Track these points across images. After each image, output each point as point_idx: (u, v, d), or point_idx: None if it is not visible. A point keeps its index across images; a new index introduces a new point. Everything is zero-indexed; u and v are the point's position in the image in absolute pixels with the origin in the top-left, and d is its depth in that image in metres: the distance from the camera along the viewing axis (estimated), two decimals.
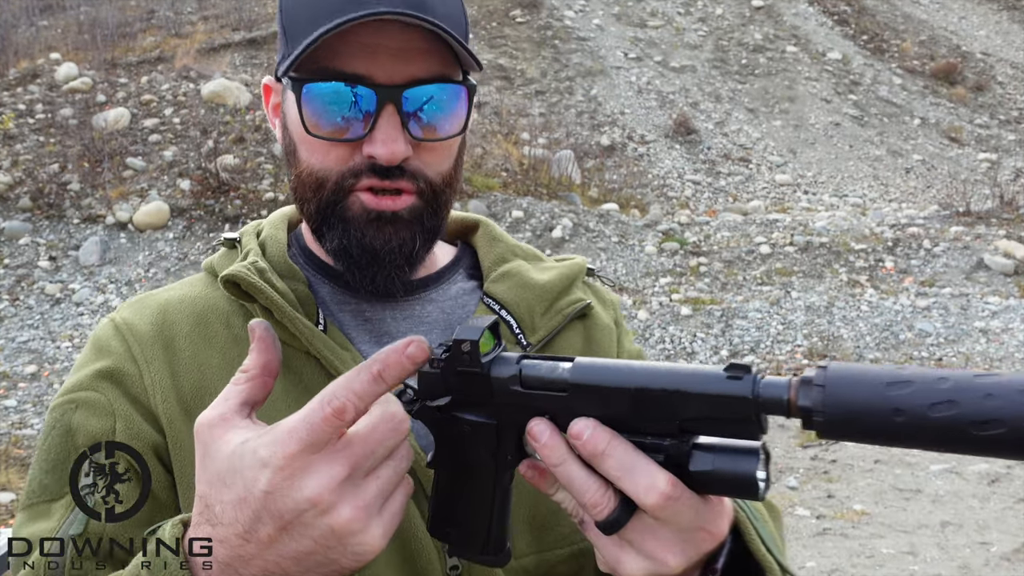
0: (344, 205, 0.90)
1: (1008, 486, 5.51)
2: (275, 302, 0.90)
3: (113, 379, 0.92)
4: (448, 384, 0.70)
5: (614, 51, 17.59)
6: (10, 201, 11.18)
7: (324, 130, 0.88)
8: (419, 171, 0.90)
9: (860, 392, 0.54)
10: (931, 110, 17.45)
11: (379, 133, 0.87)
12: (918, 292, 10.19)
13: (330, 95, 0.86)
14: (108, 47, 15.30)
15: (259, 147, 12.20)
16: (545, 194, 12.21)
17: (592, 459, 0.64)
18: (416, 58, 0.87)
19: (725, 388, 0.60)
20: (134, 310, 0.98)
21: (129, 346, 0.94)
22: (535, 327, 1.00)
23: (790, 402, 0.57)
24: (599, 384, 0.64)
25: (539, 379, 0.67)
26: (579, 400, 0.65)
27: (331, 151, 0.89)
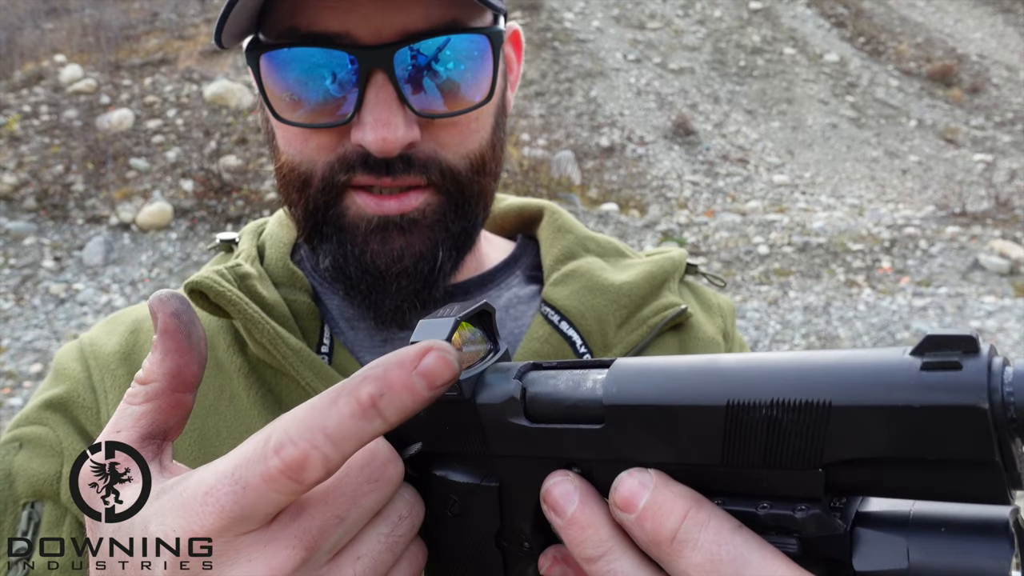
0: (338, 210, 0.68)
1: None
2: (250, 317, 0.68)
3: (64, 410, 0.75)
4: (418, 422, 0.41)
5: (613, 53, 17.67)
6: (15, 202, 11.26)
7: (296, 113, 0.65)
8: (432, 158, 0.67)
9: None
10: (927, 112, 17.54)
11: (367, 113, 0.64)
12: (915, 292, 10.28)
13: (297, 65, 0.63)
14: (112, 49, 15.37)
15: (261, 148, 12.28)
16: (545, 195, 12.29)
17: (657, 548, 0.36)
18: (409, 4, 0.63)
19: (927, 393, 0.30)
20: (104, 329, 0.82)
21: (89, 370, 0.77)
22: (608, 344, 0.74)
23: None
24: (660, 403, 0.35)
25: (555, 403, 0.39)
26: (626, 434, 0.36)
27: (311, 138, 0.67)
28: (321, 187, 0.67)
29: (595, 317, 0.75)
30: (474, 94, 0.66)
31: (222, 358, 0.73)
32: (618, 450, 0.36)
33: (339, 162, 0.66)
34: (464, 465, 0.42)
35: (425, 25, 0.63)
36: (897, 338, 9.23)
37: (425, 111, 0.64)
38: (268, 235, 0.81)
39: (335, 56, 0.62)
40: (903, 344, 0.33)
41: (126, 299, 10.04)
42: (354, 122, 0.64)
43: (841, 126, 16.56)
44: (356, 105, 0.63)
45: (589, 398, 0.37)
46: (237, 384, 0.71)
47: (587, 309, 0.75)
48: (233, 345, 0.73)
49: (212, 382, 0.72)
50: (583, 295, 0.76)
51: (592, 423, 0.37)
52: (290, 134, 0.68)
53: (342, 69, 0.62)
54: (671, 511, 0.34)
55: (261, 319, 0.68)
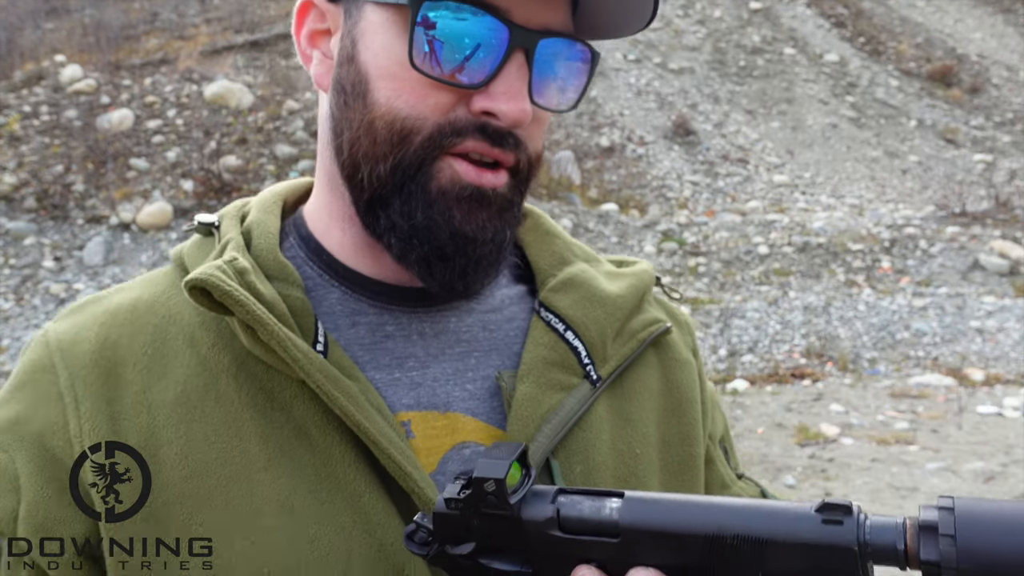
0: (431, 171, 0.67)
1: (1003, 484, 5.59)
2: (259, 319, 0.64)
3: (26, 434, 0.67)
4: (471, 527, 0.57)
5: (613, 53, 17.66)
6: (15, 202, 11.26)
7: (437, 66, 0.65)
8: (524, 144, 0.70)
9: (1004, 541, 0.43)
10: (927, 112, 17.54)
11: (503, 84, 0.65)
12: (914, 292, 10.27)
13: (458, 23, 0.64)
14: (112, 49, 15.36)
15: (261, 148, 12.28)
16: (545, 194, 12.29)
17: None
18: (557, 5, 0.67)
19: (823, 536, 0.49)
20: (74, 322, 0.72)
21: (57, 377, 0.68)
22: (606, 356, 0.76)
23: (907, 552, 0.47)
24: (659, 528, 0.53)
25: (582, 521, 0.55)
26: (634, 547, 0.53)
27: (431, 94, 0.66)
28: (424, 144, 0.66)
29: (597, 329, 0.76)
30: (567, 99, 0.71)
31: (206, 356, 0.68)
32: (629, 555, 0.54)
33: (450, 125, 0.66)
34: (507, 559, 0.57)
35: (563, 28, 0.67)
36: (897, 338, 9.23)
37: (538, 100, 0.68)
38: (254, 222, 0.75)
39: (494, 25, 0.64)
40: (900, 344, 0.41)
41: None
42: (484, 90, 0.65)
43: (841, 126, 16.56)
44: (491, 75, 0.65)
45: (608, 519, 0.55)
46: (225, 384, 0.68)
47: (590, 321, 0.76)
48: (218, 343, 0.69)
49: (195, 382, 0.67)
50: (585, 306, 0.77)
51: (611, 537, 0.54)
52: (405, 87, 0.66)
53: (494, 38, 0.64)
54: None
55: (270, 321, 0.65)
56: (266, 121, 12.84)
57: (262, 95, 13.62)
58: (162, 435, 0.66)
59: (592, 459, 0.72)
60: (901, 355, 8.92)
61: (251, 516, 0.64)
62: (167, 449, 0.65)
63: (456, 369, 0.73)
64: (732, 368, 8.82)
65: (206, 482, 0.65)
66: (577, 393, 0.73)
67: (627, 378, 0.78)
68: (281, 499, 0.65)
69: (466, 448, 0.71)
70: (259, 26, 17.07)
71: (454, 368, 0.73)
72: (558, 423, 0.71)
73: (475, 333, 0.75)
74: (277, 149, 12.20)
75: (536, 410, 0.71)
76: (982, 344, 8.99)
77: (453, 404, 0.72)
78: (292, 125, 12.72)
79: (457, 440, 0.71)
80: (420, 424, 0.70)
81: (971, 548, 0.44)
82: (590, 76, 0.71)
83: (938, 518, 0.46)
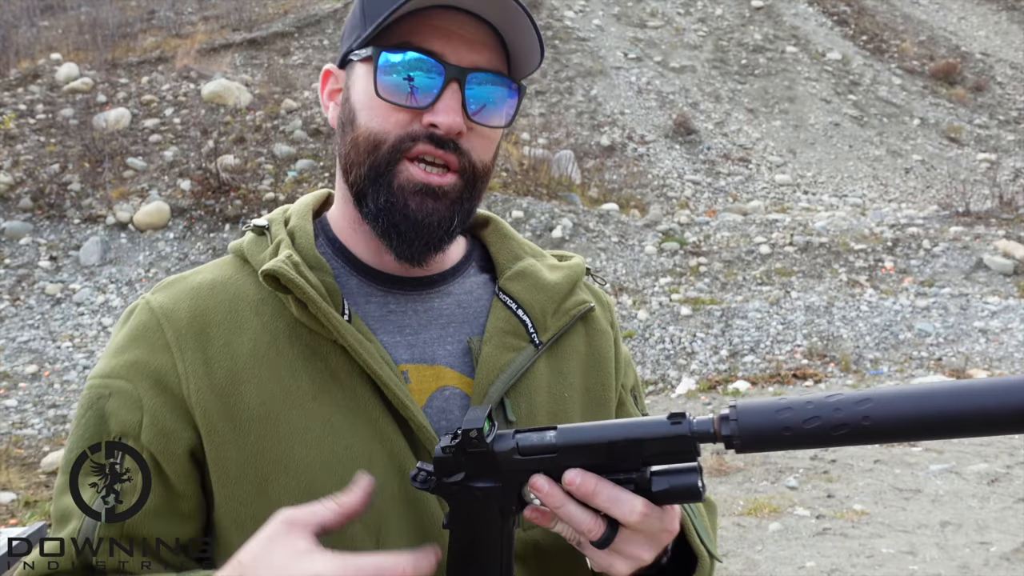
0: (394, 171, 0.96)
1: (1008, 486, 5.52)
2: (310, 297, 0.94)
3: (146, 372, 0.95)
4: (459, 463, 0.85)
5: (614, 51, 17.60)
6: (11, 201, 11.20)
7: (393, 95, 0.95)
8: (467, 153, 0.97)
9: (760, 420, 0.77)
10: (930, 110, 17.46)
11: (442, 104, 0.94)
12: (917, 292, 10.20)
13: (404, 64, 0.94)
14: (109, 47, 15.31)
15: (259, 147, 12.21)
16: (545, 194, 12.22)
17: (585, 498, 0.81)
18: (483, 50, 0.96)
19: (671, 431, 0.80)
20: (170, 293, 1.01)
21: (164, 333, 0.97)
22: (546, 327, 1.06)
23: (716, 433, 0.79)
24: (580, 443, 0.83)
25: (533, 447, 0.84)
26: (566, 457, 0.83)
27: (392, 115, 0.96)
28: (389, 149, 0.95)
29: (539, 307, 1.07)
30: (500, 119, 0.99)
31: (267, 322, 0.98)
32: (562, 463, 0.83)
33: (407, 135, 0.95)
34: (484, 479, 0.85)
35: (487, 66, 0.97)
36: (900, 339, 9.15)
37: (473, 117, 0.96)
38: (295, 227, 1.03)
39: (433, 64, 0.94)
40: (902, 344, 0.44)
41: (123, 299, 9.98)
42: (430, 109, 0.94)
43: (843, 125, 16.48)
44: (434, 99, 0.94)
45: (549, 443, 0.84)
46: (281, 342, 0.97)
47: (535, 302, 1.07)
48: (275, 313, 0.98)
49: (261, 339, 0.97)
50: (531, 291, 1.08)
51: (551, 453, 0.83)
52: (378, 110, 0.96)
53: (434, 73, 0.94)
54: (589, 483, 0.81)
55: (317, 299, 0.94)
56: (264, 120, 12.78)
57: (260, 94, 13.56)
58: (241, 375, 0.95)
59: (533, 400, 1.03)
60: (904, 356, 8.85)
61: (305, 430, 0.94)
62: (246, 386, 0.94)
63: (440, 335, 1.04)
64: (734, 369, 8.75)
65: (274, 407, 0.94)
66: (524, 353, 1.04)
67: (560, 343, 1.08)
68: (324, 420, 0.94)
69: (447, 390, 1.01)
70: (257, 24, 17.01)
71: (438, 334, 1.04)
72: (511, 374, 1.01)
73: (453, 310, 1.06)
74: (275, 148, 12.13)
75: (496, 364, 1.01)
76: (986, 345, 8.92)
77: (438, 359, 1.02)
78: (290, 124, 12.65)
79: (440, 384, 1.01)
80: (415, 373, 1.01)
81: (745, 426, 0.77)
82: (518, 104, 1.01)
83: (730, 413, 0.78)
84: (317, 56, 15.81)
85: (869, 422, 0.73)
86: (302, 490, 0.92)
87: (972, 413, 0.71)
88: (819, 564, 4.54)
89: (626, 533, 0.83)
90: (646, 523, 0.82)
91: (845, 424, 0.74)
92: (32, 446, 7.06)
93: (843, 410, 0.74)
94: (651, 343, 9.16)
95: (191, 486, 0.94)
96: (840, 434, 0.74)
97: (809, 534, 4.93)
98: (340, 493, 0.83)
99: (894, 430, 0.74)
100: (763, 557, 4.65)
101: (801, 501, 5.42)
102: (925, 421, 0.72)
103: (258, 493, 0.93)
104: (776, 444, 0.77)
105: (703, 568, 0.97)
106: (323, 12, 17.45)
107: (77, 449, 0.94)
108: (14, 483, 6.19)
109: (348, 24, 1.04)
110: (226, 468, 0.93)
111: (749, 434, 0.77)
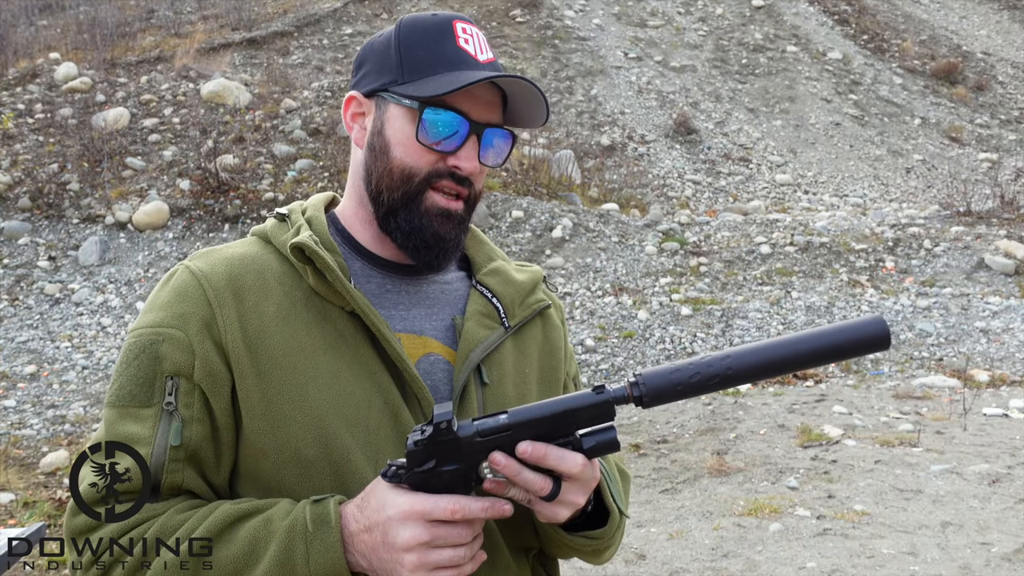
0: (423, 197, 1.20)
1: (1009, 486, 5.50)
2: (329, 266, 1.16)
3: (194, 322, 1.14)
4: (430, 453, 1.03)
5: (614, 51, 17.58)
6: (9, 201, 11.17)
7: (429, 140, 1.19)
8: (474, 185, 1.24)
9: (659, 381, 1.03)
10: (932, 110, 17.44)
11: (465, 152, 1.20)
12: (919, 292, 10.18)
13: (442, 120, 1.19)
14: (107, 47, 15.29)
15: (259, 147, 12.19)
16: (545, 194, 12.20)
17: (537, 461, 1.03)
18: (495, 109, 1.23)
19: (597, 399, 1.04)
20: (207, 261, 1.20)
21: (205, 291, 1.15)
22: (514, 315, 1.31)
23: (629, 396, 1.03)
24: (528, 420, 1.03)
25: (490, 428, 1.03)
26: (518, 433, 1.03)
27: (425, 155, 1.20)
28: (421, 181, 1.20)
29: (509, 298, 1.32)
30: (499, 161, 1.26)
31: (288, 291, 1.18)
32: (516, 438, 1.03)
33: (435, 172, 1.20)
34: (449, 463, 1.03)
35: (498, 122, 1.23)
36: (901, 339, 9.13)
37: (485, 161, 1.23)
38: (312, 217, 1.25)
39: (461, 121, 1.19)
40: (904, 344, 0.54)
41: (122, 299, 9.96)
42: (455, 155, 1.19)
43: (844, 124, 16.46)
44: (458, 146, 1.19)
45: (503, 424, 1.04)
46: (300, 306, 1.17)
47: (506, 293, 1.32)
48: (294, 284, 1.19)
49: (284, 303, 1.17)
50: (503, 284, 1.33)
51: (505, 432, 1.03)
52: (411, 151, 1.20)
53: (461, 127, 1.19)
54: (539, 450, 1.02)
55: (335, 269, 1.16)
56: (263, 120, 12.76)
57: (259, 93, 13.54)
58: (267, 330, 1.15)
59: (502, 370, 1.27)
60: (905, 356, 8.82)
61: (317, 377, 1.14)
62: (270, 339, 1.14)
63: (427, 313, 1.26)
64: None
65: (292, 358, 1.14)
66: (496, 332, 1.28)
67: (523, 331, 1.33)
68: (333, 371, 1.15)
69: (431, 356, 1.23)
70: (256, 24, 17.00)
71: (426, 312, 1.26)
72: (485, 347, 1.25)
73: (437, 295, 1.29)
74: (275, 148, 12.11)
75: (475, 337, 1.25)
76: (987, 345, 8.90)
77: (425, 332, 1.25)
78: (290, 124, 12.63)
79: (426, 351, 1.23)
80: (406, 341, 1.22)
81: (650, 387, 1.02)
82: (511, 147, 1.27)
83: (637, 379, 1.03)
84: (316, 56, 15.79)
85: (731, 371, 1.03)
86: (314, 424, 1.13)
87: (791, 357, 1.03)
88: (820, 565, 4.51)
89: (566, 485, 1.06)
90: (584, 473, 1.05)
91: (716, 375, 1.03)
92: (31, 446, 7.04)
93: (714, 366, 1.03)
94: (651, 343, 9.14)
95: (229, 421, 1.14)
96: (715, 382, 1.03)
97: (810, 534, 4.91)
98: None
99: (748, 374, 1.03)
100: (763, 558, 4.63)
101: (801, 501, 5.40)
102: (765, 365, 1.03)
103: (278, 427, 1.12)
104: (672, 397, 1.03)
105: (613, 520, 1.22)
106: (322, 12, 17.43)
107: (130, 385, 1.13)
108: (13, 483, 6.17)
109: (376, 57, 1.25)
110: (252, 405, 1.12)
111: (653, 392, 1.02)
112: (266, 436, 1.12)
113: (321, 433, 1.12)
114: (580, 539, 1.21)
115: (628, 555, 4.76)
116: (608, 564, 4.66)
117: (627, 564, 4.67)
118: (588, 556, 1.26)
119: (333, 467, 1.12)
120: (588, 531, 1.21)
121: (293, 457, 1.12)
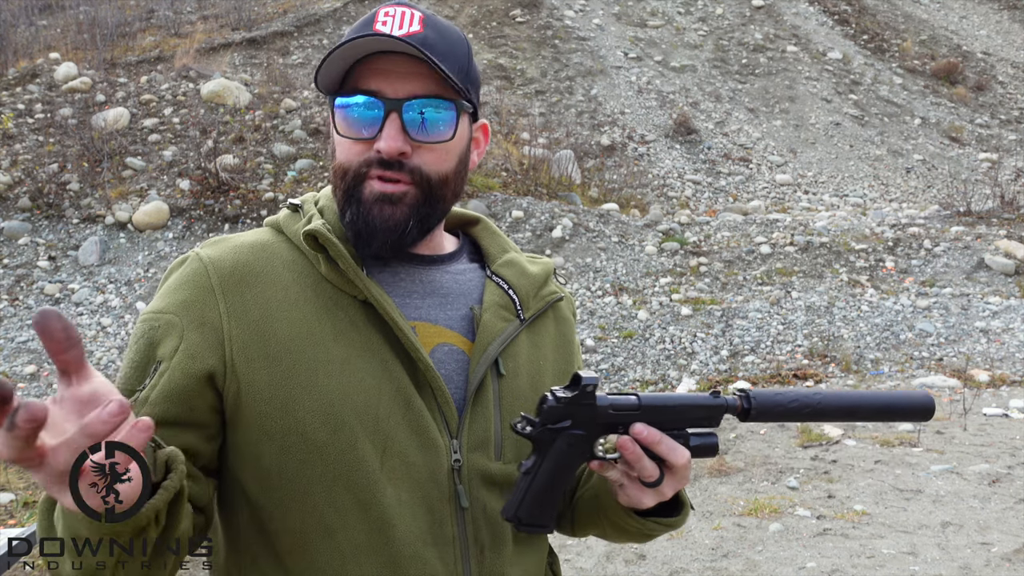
0: (360, 188, 1.16)
1: (1009, 486, 5.50)
2: (342, 253, 1.16)
3: (192, 308, 1.15)
4: (568, 412, 1.10)
5: (614, 51, 17.57)
6: (9, 201, 11.17)
7: (349, 131, 1.16)
8: (417, 168, 1.16)
9: (767, 400, 1.14)
10: (932, 110, 17.43)
11: (384, 133, 1.14)
12: (919, 292, 10.17)
13: (352, 105, 1.15)
14: (107, 47, 15.28)
15: (259, 147, 12.18)
16: (545, 194, 12.19)
17: (650, 446, 1.10)
18: (417, 80, 1.15)
19: (713, 402, 1.13)
20: (217, 248, 1.21)
21: (211, 279, 1.16)
22: (529, 307, 1.30)
23: (739, 407, 1.14)
24: (656, 405, 1.12)
25: (623, 405, 1.11)
26: (644, 415, 1.11)
27: (352, 147, 1.16)
28: (353, 175, 1.16)
29: (524, 290, 1.31)
30: (443, 134, 1.17)
31: (297, 276, 1.18)
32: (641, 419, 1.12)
33: (364, 162, 1.16)
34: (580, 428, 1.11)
35: (422, 92, 1.14)
36: (901, 339, 9.12)
37: (415, 138, 1.15)
38: (324, 207, 1.25)
39: (374, 101, 1.14)
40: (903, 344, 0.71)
41: (122, 299, 9.96)
42: (376, 139, 1.14)
43: (844, 124, 16.45)
44: (379, 130, 1.14)
45: (633, 404, 1.12)
46: (310, 292, 1.17)
47: (521, 285, 1.31)
48: (303, 270, 1.19)
49: (292, 288, 1.16)
50: (518, 276, 1.32)
51: (634, 411, 1.12)
52: (342, 145, 1.17)
53: (375, 108, 1.14)
54: (654, 433, 1.11)
55: (348, 257, 1.15)
56: (263, 120, 12.74)
57: (260, 93, 13.53)
58: (275, 315, 1.14)
59: (517, 362, 1.25)
60: (905, 356, 8.82)
61: (327, 363, 1.13)
62: (279, 324, 1.14)
63: (441, 302, 1.24)
64: (734, 369, 8.73)
65: (302, 343, 1.13)
66: (513, 324, 1.26)
67: (538, 323, 1.32)
68: (343, 358, 1.14)
69: (445, 346, 1.21)
70: (256, 23, 16.99)
71: (440, 302, 1.24)
72: (503, 339, 1.24)
73: (451, 285, 1.27)
74: (275, 148, 12.10)
75: (493, 329, 1.24)
76: (987, 345, 8.90)
77: (440, 321, 1.23)
78: (290, 124, 12.62)
79: (441, 341, 1.22)
80: (420, 329, 1.21)
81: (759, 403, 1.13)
82: (458, 117, 1.18)
83: (748, 394, 1.13)
84: (316, 56, 15.78)
85: (821, 406, 1.16)
86: (323, 410, 1.12)
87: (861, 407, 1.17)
88: (820, 565, 4.51)
89: (667, 476, 1.12)
90: (687, 468, 1.13)
91: (809, 406, 1.15)
92: None
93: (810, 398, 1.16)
94: (651, 343, 9.14)
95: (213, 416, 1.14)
96: (807, 412, 1.15)
97: (810, 534, 4.91)
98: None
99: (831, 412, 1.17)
100: (763, 558, 4.63)
101: (802, 501, 5.40)
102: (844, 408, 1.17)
103: (286, 410, 1.12)
104: (773, 417, 1.15)
105: (686, 511, 1.27)
106: (322, 11, 17.43)
107: (127, 370, 1.15)
108: (13, 483, 6.17)
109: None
110: (258, 388, 1.12)
111: (760, 408, 1.13)
112: (273, 419, 1.12)
113: (329, 419, 1.11)
114: (652, 523, 1.24)
115: (628, 555, 4.76)
116: (608, 564, 4.66)
117: (627, 564, 4.67)
118: (641, 538, 1.29)
119: (338, 454, 1.11)
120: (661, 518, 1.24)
121: (299, 441, 1.12)
